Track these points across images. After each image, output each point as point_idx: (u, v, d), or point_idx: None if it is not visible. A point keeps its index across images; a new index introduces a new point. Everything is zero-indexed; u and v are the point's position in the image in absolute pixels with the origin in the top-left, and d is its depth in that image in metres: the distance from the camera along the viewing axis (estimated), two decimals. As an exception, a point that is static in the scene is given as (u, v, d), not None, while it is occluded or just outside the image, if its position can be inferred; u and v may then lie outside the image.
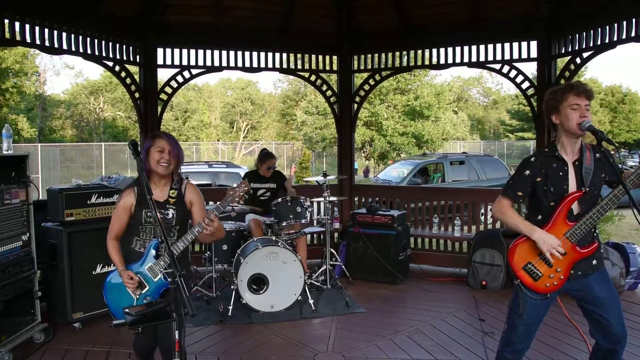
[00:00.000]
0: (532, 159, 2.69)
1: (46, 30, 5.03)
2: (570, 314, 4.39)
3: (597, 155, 2.65)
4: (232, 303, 4.78)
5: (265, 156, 5.96)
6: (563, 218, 2.58)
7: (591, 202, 2.59)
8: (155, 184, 2.95)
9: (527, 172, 2.67)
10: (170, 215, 2.89)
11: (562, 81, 5.69)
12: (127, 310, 2.35)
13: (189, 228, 2.90)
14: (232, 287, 4.92)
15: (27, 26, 4.84)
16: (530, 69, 6.12)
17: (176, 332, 2.18)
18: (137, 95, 6.19)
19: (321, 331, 4.52)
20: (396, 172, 12.92)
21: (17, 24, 4.77)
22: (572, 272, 2.61)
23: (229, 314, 4.74)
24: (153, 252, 2.83)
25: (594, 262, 2.68)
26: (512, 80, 6.06)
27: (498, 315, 4.75)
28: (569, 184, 2.60)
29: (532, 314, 2.67)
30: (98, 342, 4.14)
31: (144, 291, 2.82)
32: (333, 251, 6.05)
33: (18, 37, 4.82)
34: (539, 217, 2.67)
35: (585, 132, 2.57)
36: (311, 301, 4.95)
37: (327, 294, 5.42)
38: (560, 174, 2.61)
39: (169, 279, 2.14)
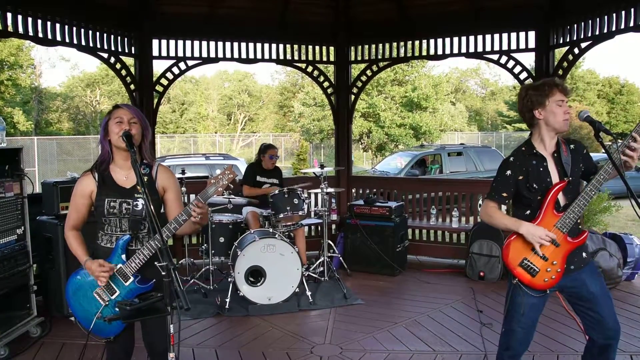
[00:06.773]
0: (511, 159, 2.71)
1: (39, 22, 4.95)
2: (567, 305, 4.39)
3: (572, 146, 2.69)
4: (229, 295, 4.77)
5: (267, 147, 6.00)
6: (551, 209, 2.59)
7: (576, 192, 2.61)
8: (121, 167, 2.50)
9: (509, 172, 2.68)
10: (140, 207, 2.43)
11: (560, 72, 5.66)
12: (121, 304, 2.32)
13: (163, 219, 2.49)
14: (229, 279, 4.91)
15: (20, 17, 4.77)
16: (528, 59, 6.10)
17: (171, 325, 2.16)
18: (132, 87, 6.13)
19: (319, 323, 4.52)
20: (394, 163, 12.91)
21: (9, 15, 4.70)
22: (565, 266, 2.61)
23: (226, 306, 4.74)
24: (122, 251, 2.42)
25: (584, 254, 2.69)
26: (510, 70, 6.02)
27: (496, 306, 4.75)
28: (551, 177, 2.62)
29: (530, 315, 2.66)
30: (95, 336, 4.12)
31: (113, 297, 2.43)
32: (331, 243, 6.06)
33: (11, 29, 4.75)
34: (527, 212, 2.68)
35: (567, 129, 2.60)
36: (309, 293, 4.95)
37: (324, 285, 5.42)
38: (541, 169, 2.64)
39: (163, 272, 2.09)
